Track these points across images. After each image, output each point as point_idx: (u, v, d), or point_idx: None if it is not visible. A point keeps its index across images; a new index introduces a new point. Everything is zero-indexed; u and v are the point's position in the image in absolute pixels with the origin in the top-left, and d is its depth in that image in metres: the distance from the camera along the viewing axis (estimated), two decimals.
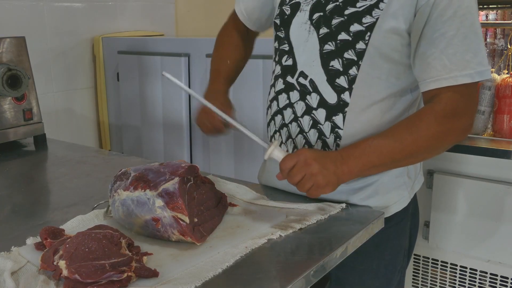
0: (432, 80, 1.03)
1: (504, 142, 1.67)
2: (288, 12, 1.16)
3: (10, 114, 1.73)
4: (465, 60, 1.00)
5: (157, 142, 2.38)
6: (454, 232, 1.71)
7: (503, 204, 1.60)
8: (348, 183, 1.13)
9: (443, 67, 1.01)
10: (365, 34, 1.05)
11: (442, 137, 1.04)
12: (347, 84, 1.08)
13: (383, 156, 1.03)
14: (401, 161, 1.08)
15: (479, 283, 1.71)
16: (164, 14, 2.81)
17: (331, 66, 1.09)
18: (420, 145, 1.04)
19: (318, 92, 1.11)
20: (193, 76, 2.20)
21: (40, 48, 2.22)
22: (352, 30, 1.06)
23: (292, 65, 1.16)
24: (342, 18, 1.07)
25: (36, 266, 0.87)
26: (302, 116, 1.15)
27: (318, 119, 1.13)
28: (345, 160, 1.02)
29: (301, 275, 0.84)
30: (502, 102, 1.71)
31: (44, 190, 1.38)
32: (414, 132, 1.03)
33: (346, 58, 1.07)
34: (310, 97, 1.13)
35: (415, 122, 1.05)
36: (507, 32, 1.90)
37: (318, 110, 1.12)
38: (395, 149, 1.03)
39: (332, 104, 1.10)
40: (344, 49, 1.07)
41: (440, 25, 1.00)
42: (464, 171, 1.67)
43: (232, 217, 1.07)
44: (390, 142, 1.03)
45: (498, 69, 1.84)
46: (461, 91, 1.02)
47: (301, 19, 1.13)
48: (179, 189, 0.92)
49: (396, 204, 1.17)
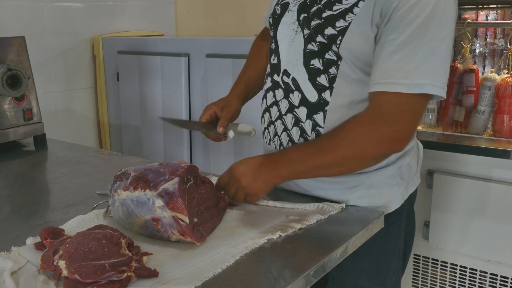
0: (373, 83, 1.02)
1: (504, 142, 1.67)
2: (279, 11, 1.18)
3: (10, 114, 1.73)
4: (406, 69, 0.98)
5: (157, 142, 2.38)
6: (454, 232, 1.71)
7: (503, 204, 1.60)
8: (339, 183, 1.14)
9: (384, 72, 1.00)
10: (337, 38, 1.04)
11: (366, 142, 1.02)
12: (327, 83, 1.09)
13: (306, 164, 1.05)
14: (324, 169, 1.07)
15: (479, 283, 1.71)
16: (164, 14, 2.81)
17: (312, 64, 1.10)
18: (339, 154, 1.03)
19: (300, 90, 1.13)
20: (193, 76, 2.20)
21: (40, 48, 2.22)
22: (327, 33, 1.06)
23: (277, 64, 1.18)
24: (320, 21, 1.07)
25: (36, 266, 0.87)
26: (286, 114, 1.16)
27: (300, 117, 1.14)
28: (276, 165, 1.06)
29: (301, 275, 0.84)
30: (502, 102, 1.71)
31: (44, 190, 1.38)
32: (333, 139, 1.03)
33: (327, 58, 1.08)
34: (293, 95, 1.14)
35: (338, 128, 1.05)
36: (507, 32, 1.90)
37: (300, 108, 1.13)
38: (316, 157, 1.03)
39: (313, 102, 1.11)
40: (324, 50, 1.08)
41: (395, 29, 0.98)
42: (464, 171, 1.67)
43: (232, 217, 1.07)
44: (313, 150, 1.04)
45: (498, 69, 1.84)
46: (397, 99, 0.99)
47: (289, 19, 1.15)
48: (179, 189, 0.92)
49: (389, 205, 1.17)
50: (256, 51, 1.43)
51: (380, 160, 1.09)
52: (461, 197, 1.67)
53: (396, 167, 1.15)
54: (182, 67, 2.20)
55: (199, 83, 2.18)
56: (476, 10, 2.01)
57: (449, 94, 1.83)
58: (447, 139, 1.75)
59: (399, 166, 1.16)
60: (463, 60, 1.84)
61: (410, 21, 0.96)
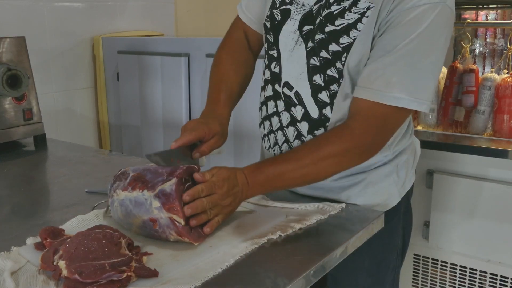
0: (356, 87, 1.03)
1: (504, 142, 1.67)
2: (279, 18, 1.14)
3: (10, 114, 1.73)
4: (389, 80, 0.98)
5: (157, 142, 2.38)
6: (454, 232, 1.71)
7: (503, 204, 1.60)
8: (336, 181, 1.14)
9: (367, 77, 1.00)
10: (342, 55, 1.04)
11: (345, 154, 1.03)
12: (328, 99, 1.08)
13: (285, 181, 1.04)
14: (303, 184, 1.08)
15: (479, 283, 1.71)
16: (164, 14, 2.81)
17: (314, 80, 1.09)
18: (320, 167, 1.03)
19: (303, 105, 1.12)
20: (193, 76, 2.20)
21: (40, 48, 2.22)
22: (331, 49, 1.05)
23: (278, 73, 1.16)
24: (323, 36, 1.06)
25: (36, 266, 0.87)
26: (287, 126, 1.16)
27: (302, 131, 1.13)
28: (250, 186, 1.01)
29: (301, 275, 0.84)
30: (502, 102, 1.71)
31: (44, 190, 1.38)
32: (315, 152, 1.02)
33: (329, 75, 1.07)
34: (295, 109, 1.13)
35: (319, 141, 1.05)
36: (507, 32, 1.90)
37: (302, 122, 1.13)
38: (296, 173, 1.02)
39: (315, 118, 1.11)
40: (326, 66, 1.06)
41: (388, 41, 0.99)
42: (464, 171, 1.67)
43: (232, 217, 1.07)
44: (294, 168, 1.02)
45: (498, 69, 1.84)
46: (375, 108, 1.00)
47: (290, 28, 1.12)
48: (176, 190, 0.92)
49: (387, 203, 1.17)
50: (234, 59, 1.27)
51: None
52: (461, 197, 1.67)
53: (393, 164, 1.16)
54: (182, 67, 2.20)
55: (199, 83, 2.18)
56: (476, 10, 2.01)
57: (449, 94, 1.83)
58: (447, 139, 1.75)
59: (397, 164, 1.16)
60: (463, 60, 1.84)
61: (405, 35, 0.97)
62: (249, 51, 1.31)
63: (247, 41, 1.31)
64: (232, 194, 0.98)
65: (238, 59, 1.27)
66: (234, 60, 1.27)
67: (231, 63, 1.26)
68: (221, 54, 1.28)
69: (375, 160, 1.13)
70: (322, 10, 1.06)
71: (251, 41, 1.31)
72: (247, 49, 1.30)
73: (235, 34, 1.31)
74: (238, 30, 1.31)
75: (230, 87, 1.22)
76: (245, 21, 1.29)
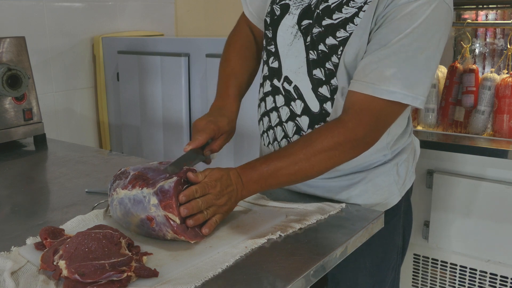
0: (351, 80, 1.02)
1: (503, 142, 1.67)
2: (278, 12, 1.15)
3: (10, 114, 1.73)
4: (383, 74, 0.97)
5: (157, 142, 2.38)
6: (454, 232, 1.71)
7: (503, 204, 1.60)
8: (336, 181, 1.14)
9: (362, 70, 1.00)
10: (338, 48, 1.04)
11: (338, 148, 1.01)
12: (329, 94, 1.08)
13: (279, 178, 1.02)
14: (298, 180, 1.06)
15: (478, 283, 1.71)
16: (164, 14, 2.81)
17: (314, 75, 1.09)
18: (313, 163, 1.01)
19: (303, 99, 1.12)
20: (193, 76, 2.20)
21: (40, 48, 2.22)
22: (328, 43, 1.05)
23: (277, 68, 1.16)
24: (320, 29, 1.06)
25: (36, 266, 0.87)
26: (287, 121, 1.15)
27: (302, 126, 1.13)
28: (245, 185, 1.00)
29: (301, 275, 0.84)
30: (502, 102, 1.71)
31: (44, 190, 1.38)
32: (307, 147, 1.01)
33: (328, 68, 1.07)
34: (295, 103, 1.13)
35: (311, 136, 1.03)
36: (507, 32, 1.90)
37: (302, 117, 1.13)
38: (290, 170, 1.01)
39: (316, 112, 1.11)
40: (324, 59, 1.07)
41: (384, 35, 0.98)
42: (464, 171, 1.67)
43: (232, 217, 1.07)
44: (287, 164, 1.01)
45: (498, 69, 1.84)
46: (369, 102, 0.99)
47: (288, 22, 1.13)
48: (174, 188, 0.92)
49: (387, 202, 1.17)
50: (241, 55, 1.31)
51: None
52: (461, 197, 1.67)
53: (393, 163, 1.16)
54: (182, 67, 2.20)
55: (199, 83, 2.18)
56: (476, 10, 2.01)
57: (449, 94, 1.83)
58: (447, 139, 1.75)
59: (396, 162, 1.16)
60: (463, 60, 1.84)
61: (400, 30, 0.97)
62: (255, 45, 1.34)
63: (253, 35, 1.33)
64: (226, 193, 0.98)
65: (245, 53, 1.31)
66: (241, 55, 1.31)
67: (238, 58, 1.30)
68: (229, 49, 1.32)
69: (374, 159, 1.13)
70: (320, 4, 1.07)
71: (257, 36, 1.33)
72: (253, 43, 1.33)
73: (241, 29, 1.35)
74: (244, 25, 1.34)
75: (239, 81, 1.26)
76: (248, 16, 1.31)
